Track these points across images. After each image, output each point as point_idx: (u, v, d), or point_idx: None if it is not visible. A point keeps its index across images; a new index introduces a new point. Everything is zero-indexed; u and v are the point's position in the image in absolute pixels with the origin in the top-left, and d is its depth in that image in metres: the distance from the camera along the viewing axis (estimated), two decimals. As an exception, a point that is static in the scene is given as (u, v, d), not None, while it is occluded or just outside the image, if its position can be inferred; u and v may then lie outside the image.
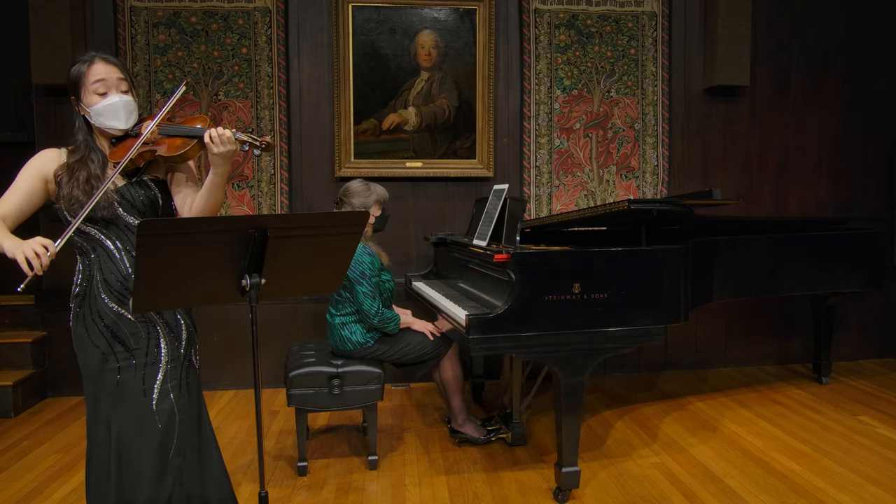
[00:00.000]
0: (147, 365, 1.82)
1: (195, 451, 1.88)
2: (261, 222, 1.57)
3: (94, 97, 1.79)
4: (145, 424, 1.79)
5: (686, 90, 4.38)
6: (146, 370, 1.81)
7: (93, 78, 1.78)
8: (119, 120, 1.81)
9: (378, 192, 3.03)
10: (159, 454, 1.79)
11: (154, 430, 1.79)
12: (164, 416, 1.81)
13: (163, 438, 1.80)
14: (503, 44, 4.20)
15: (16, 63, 4.04)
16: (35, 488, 2.72)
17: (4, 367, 3.81)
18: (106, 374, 1.80)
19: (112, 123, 1.81)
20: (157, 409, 1.80)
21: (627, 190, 4.38)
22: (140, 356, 1.81)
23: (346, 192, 3.02)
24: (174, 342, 1.87)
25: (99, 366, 1.81)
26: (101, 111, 1.80)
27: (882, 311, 4.65)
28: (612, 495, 2.62)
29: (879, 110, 4.59)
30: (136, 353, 1.81)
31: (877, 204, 4.63)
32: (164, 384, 1.82)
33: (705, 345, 4.50)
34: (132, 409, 1.79)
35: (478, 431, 3.12)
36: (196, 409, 1.91)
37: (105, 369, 1.80)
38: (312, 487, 2.71)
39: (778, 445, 3.10)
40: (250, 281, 1.60)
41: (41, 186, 1.82)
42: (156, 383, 1.82)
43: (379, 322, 2.88)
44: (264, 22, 4.02)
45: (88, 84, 1.78)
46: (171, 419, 1.81)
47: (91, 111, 1.80)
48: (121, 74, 1.82)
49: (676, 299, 2.68)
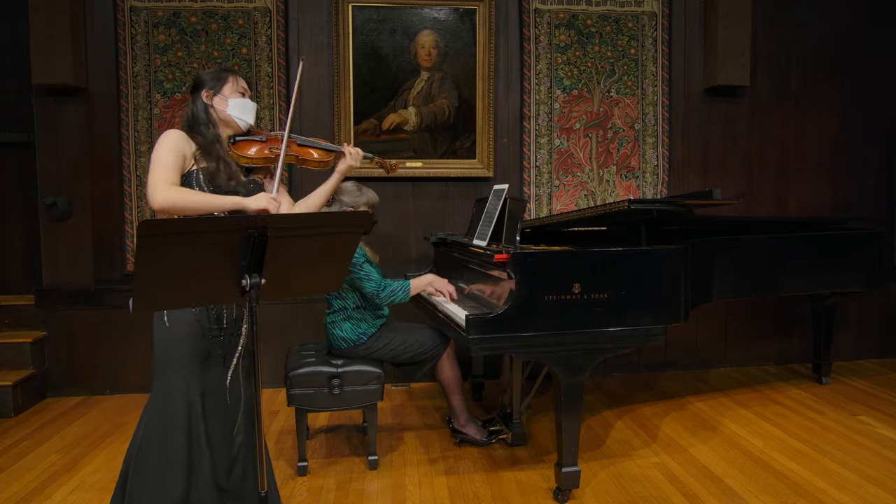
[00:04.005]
0: (231, 346, 2.01)
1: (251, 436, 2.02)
2: (261, 222, 1.57)
3: (236, 94, 2.13)
4: (220, 398, 1.98)
5: (686, 90, 4.38)
6: (227, 351, 2.00)
7: (241, 85, 2.15)
8: (250, 117, 2.16)
9: (369, 195, 3.04)
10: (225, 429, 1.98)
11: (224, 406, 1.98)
12: (233, 395, 1.99)
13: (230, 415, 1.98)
14: (503, 44, 4.20)
15: (16, 63, 4.04)
16: (35, 488, 2.71)
17: (4, 367, 3.80)
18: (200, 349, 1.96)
19: (245, 117, 2.14)
20: (230, 387, 1.99)
21: (627, 190, 4.38)
22: (227, 336, 2.00)
23: (339, 190, 3.02)
24: (248, 330, 2.01)
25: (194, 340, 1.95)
26: (241, 104, 2.13)
27: (882, 311, 4.65)
28: (612, 495, 2.62)
29: (879, 110, 4.60)
30: (225, 332, 2.00)
31: (877, 204, 4.63)
32: (237, 367, 2.01)
33: (705, 345, 4.50)
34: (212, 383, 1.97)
35: (480, 433, 3.12)
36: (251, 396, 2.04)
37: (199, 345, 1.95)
38: (312, 487, 2.71)
39: (778, 445, 3.10)
40: (250, 281, 1.60)
41: (181, 162, 1.98)
42: (232, 365, 2.00)
43: (385, 297, 2.88)
44: (264, 22, 4.02)
45: (236, 86, 2.13)
46: (237, 399, 2.00)
47: (231, 102, 2.11)
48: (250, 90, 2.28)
49: (676, 299, 2.68)
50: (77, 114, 3.88)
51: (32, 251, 4.06)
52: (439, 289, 3.01)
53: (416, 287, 2.97)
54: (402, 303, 2.94)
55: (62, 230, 3.92)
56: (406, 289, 2.92)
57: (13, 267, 4.21)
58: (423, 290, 3.03)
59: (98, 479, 2.80)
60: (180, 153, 1.95)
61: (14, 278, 4.20)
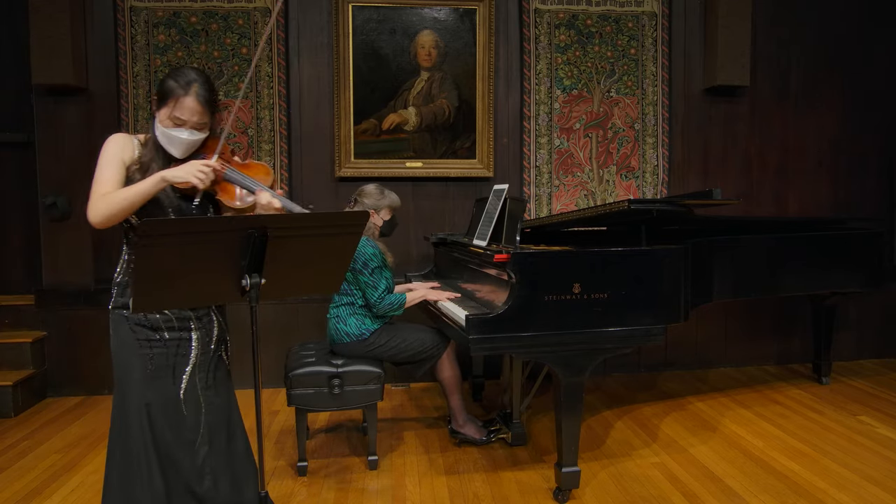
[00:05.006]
0: (178, 356, 1.89)
1: (223, 446, 1.94)
2: (261, 222, 1.57)
3: (168, 122, 1.84)
4: (173, 411, 1.86)
5: (686, 90, 4.38)
6: (177, 360, 1.89)
7: (178, 112, 1.82)
8: (177, 152, 1.87)
9: (392, 198, 3.09)
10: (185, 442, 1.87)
11: (180, 418, 1.86)
12: (191, 407, 1.88)
13: (189, 427, 1.87)
14: (503, 44, 4.20)
15: (16, 63, 4.03)
16: (35, 488, 2.72)
17: (4, 367, 3.80)
18: (141, 360, 1.86)
19: (170, 150, 1.86)
20: (185, 398, 1.88)
21: (627, 190, 4.38)
22: (172, 346, 1.88)
23: (361, 192, 3.06)
24: (205, 337, 1.93)
25: (134, 351, 1.86)
26: (168, 135, 1.84)
27: (882, 311, 4.64)
28: (612, 495, 2.62)
29: (879, 110, 4.59)
30: (169, 343, 1.88)
31: (877, 204, 4.63)
32: (192, 376, 1.90)
33: (705, 345, 4.50)
34: (163, 393, 1.86)
35: (478, 432, 3.12)
36: (226, 405, 1.97)
37: (139, 354, 1.86)
38: (312, 487, 2.71)
39: (778, 445, 3.10)
40: (250, 281, 1.60)
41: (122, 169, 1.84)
42: (185, 374, 1.89)
43: (383, 308, 2.91)
44: (264, 22, 4.02)
45: (171, 112, 1.83)
46: (196, 409, 1.89)
47: (160, 128, 1.85)
48: (203, 120, 1.86)
49: (676, 299, 2.68)
50: (77, 114, 3.88)
51: (32, 251, 4.06)
52: (435, 297, 3.03)
53: (410, 302, 3.01)
54: (394, 315, 2.99)
55: (62, 230, 3.92)
56: (402, 303, 2.95)
57: (13, 267, 4.21)
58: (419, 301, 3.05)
59: (98, 479, 2.79)
60: (120, 161, 1.82)
61: (14, 278, 4.20)
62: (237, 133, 4.05)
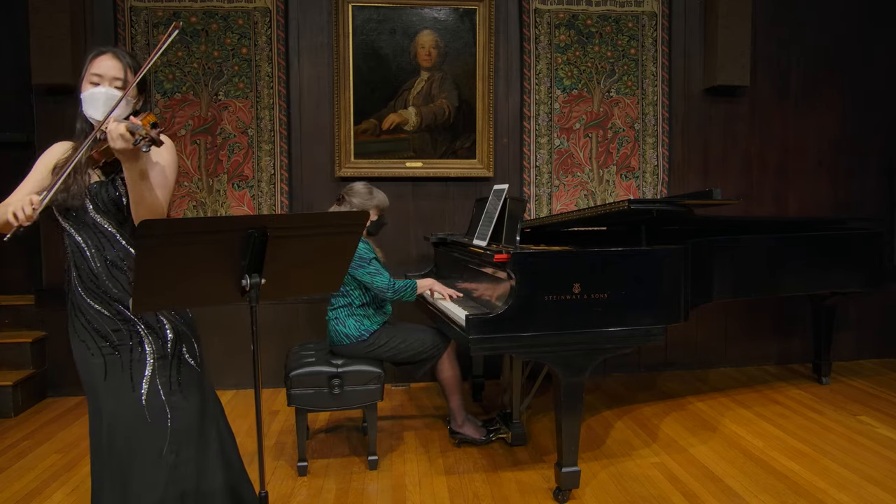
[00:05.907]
0: (133, 361, 1.80)
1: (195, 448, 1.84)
2: (261, 222, 1.56)
3: (87, 85, 1.78)
4: (135, 419, 1.77)
5: (686, 90, 4.38)
6: (133, 366, 1.80)
7: (94, 69, 1.78)
8: (96, 110, 1.77)
9: (379, 197, 3.06)
10: (150, 450, 1.78)
11: (144, 426, 1.77)
12: (154, 413, 1.79)
13: (153, 435, 1.78)
14: (503, 44, 4.20)
15: (16, 63, 4.03)
16: (35, 488, 2.71)
17: (4, 367, 3.81)
18: (95, 368, 1.80)
19: (89, 112, 1.79)
20: (147, 405, 1.78)
21: (627, 190, 4.38)
22: (125, 352, 1.80)
23: (350, 191, 3.04)
24: (157, 341, 1.84)
25: (87, 359, 1.81)
26: (85, 98, 1.78)
27: (882, 311, 4.64)
28: (612, 495, 2.62)
29: (879, 110, 4.59)
30: (120, 348, 1.80)
31: (877, 204, 4.63)
32: (153, 381, 1.81)
33: (705, 345, 4.50)
34: (121, 403, 1.78)
35: (477, 432, 3.12)
36: (196, 406, 1.87)
37: (93, 363, 1.81)
38: (312, 487, 2.71)
39: (778, 445, 3.10)
40: (250, 281, 1.59)
41: (48, 176, 1.81)
42: (143, 379, 1.80)
43: (394, 294, 2.90)
44: (264, 22, 4.02)
45: (87, 74, 1.78)
46: (161, 416, 1.79)
47: (82, 96, 1.79)
48: (118, 75, 1.79)
49: (676, 299, 2.68)
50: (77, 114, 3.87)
51: (32, 251, 4.06)
52: (440, 291, 3.02)
53: (421, 287, 3.01)
54: (408, 301, 2.98)
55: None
56: (413, 287, 2.96)
57: (13, 267, 4.21)
58: (425, 291, 3.05)
59: (98, 479, 2.80)
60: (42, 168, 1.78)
61: (14, 278, 4.20)
62: (237, 133, 4.05)
